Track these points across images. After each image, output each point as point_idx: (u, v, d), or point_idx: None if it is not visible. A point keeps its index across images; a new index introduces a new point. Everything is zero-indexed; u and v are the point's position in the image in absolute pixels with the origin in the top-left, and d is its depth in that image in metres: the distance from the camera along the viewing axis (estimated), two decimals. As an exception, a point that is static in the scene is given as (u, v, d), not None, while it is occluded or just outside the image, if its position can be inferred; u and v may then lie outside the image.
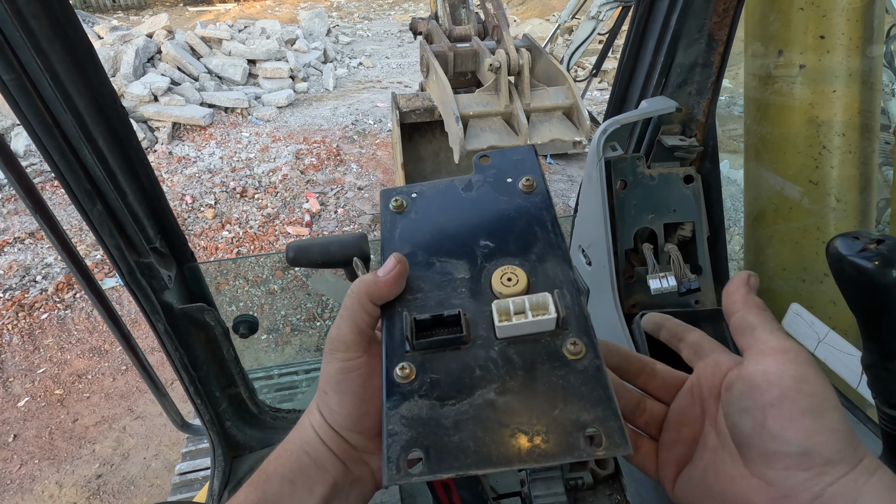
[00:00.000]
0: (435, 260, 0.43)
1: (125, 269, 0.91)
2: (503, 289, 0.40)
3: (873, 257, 0.41)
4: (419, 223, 0.46)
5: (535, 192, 0.47)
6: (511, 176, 0.48)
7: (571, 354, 0.37)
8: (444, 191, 0.48)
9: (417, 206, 0.47)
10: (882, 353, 0.45)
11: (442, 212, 0.46)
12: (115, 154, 0.84)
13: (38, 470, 2.81)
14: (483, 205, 0.46)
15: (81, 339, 3.58)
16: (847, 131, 0.84)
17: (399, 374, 0.37)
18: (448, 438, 0.34)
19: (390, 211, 0.47)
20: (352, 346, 0.40)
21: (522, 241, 0.44)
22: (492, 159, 0.49)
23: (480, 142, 3.56)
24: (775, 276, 0.95)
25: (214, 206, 4.87)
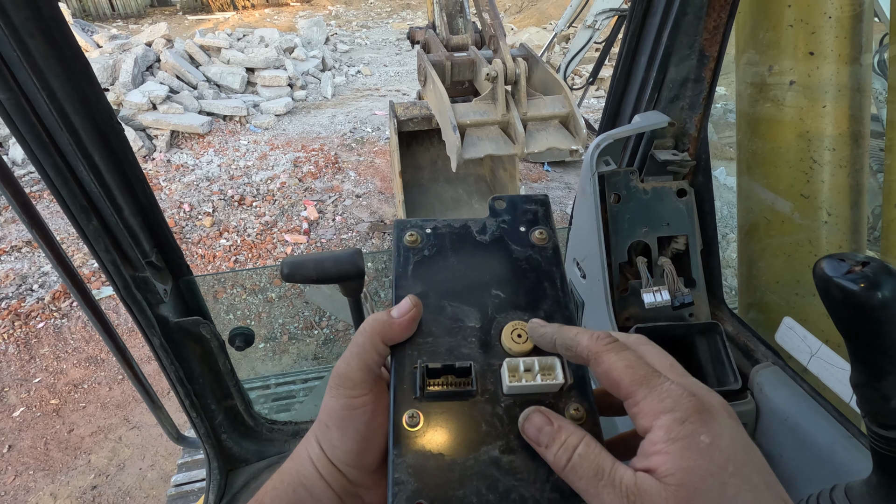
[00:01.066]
0: (447, 304, 0.44)
1: (121, 284, 0.91)
2: (513, 345, 0.41)
3: (859, 279, 0.41)
4: (433, 262, 0.46)
5: (546, 245, 0.47)
6: (524, 225, 0.48)
7: (573, 419, 0.38)
8: (458, 231, 0.48)
9: (431, 243, 0.47)
10: (870, 374, 0.45)
11: (455, 253, 0.46)
12: (110, 170, 0.84)
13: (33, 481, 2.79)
14: (496, 252, 0.47)
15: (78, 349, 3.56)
16: (837, 145, 0.85)
17: (408, 421, 0.38)
18: (453, 493, 0.36)
19: (404, 245, 0.47)
20: (359, 384, 0.40)
21: (532, 296, 0.44)
22: (507, 204, 0.49)
23: (477, 150, 3.58)
24: (768, 289, 0.96)
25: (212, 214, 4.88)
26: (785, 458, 0.79)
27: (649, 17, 0.92)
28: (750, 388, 0.84)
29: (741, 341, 0.91)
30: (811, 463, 0.73)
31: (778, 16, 0.86)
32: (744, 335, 0.91)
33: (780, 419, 0.79)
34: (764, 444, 0.82)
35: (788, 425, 0.77)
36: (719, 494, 0.31)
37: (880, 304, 0.41)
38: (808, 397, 0.77)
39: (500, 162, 4.78)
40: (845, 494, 0.53)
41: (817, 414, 0.74)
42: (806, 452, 0.74)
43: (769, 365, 0.84)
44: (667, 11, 0.88)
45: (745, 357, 0.89)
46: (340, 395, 0.40)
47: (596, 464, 0.34)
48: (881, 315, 0.41)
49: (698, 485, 0.31)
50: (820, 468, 0.72)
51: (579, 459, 0.34)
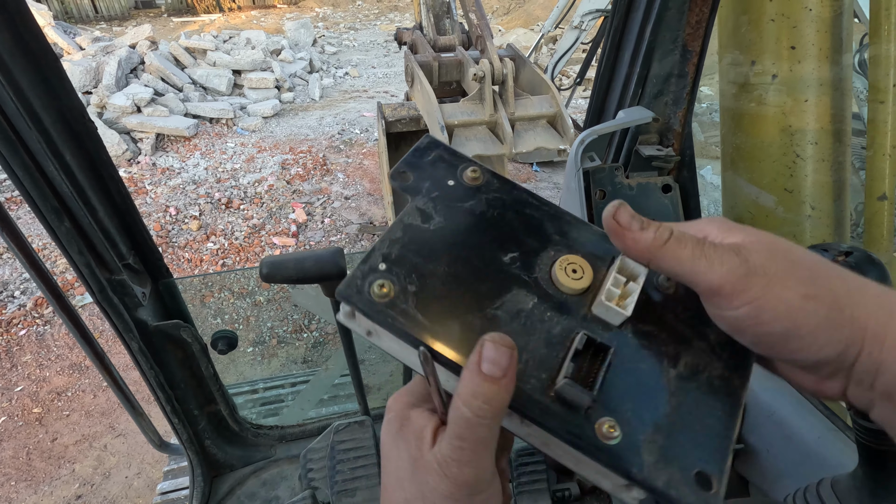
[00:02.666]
0: (491, 312, 0.36)
1: (96, 287, 0.89)
2: (575, 283, 0.37)
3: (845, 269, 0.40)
4: (427, 289, 0.36)
5: (483, 180, 0.42)
6: (448, 178, 0.41)
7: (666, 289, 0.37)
8: (407, 239, 0.38)
9: (400, 277, 0.36)
10: (854, 366, 0.44)
11: (436, 258, 0.37)
12: (83, 169, 0.82)
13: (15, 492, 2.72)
14: (457, 226, 0.39)
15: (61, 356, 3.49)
16: (820, 139, 0.85)
17: (606, 432, 0.33)
18: None
19: (379, 306, 0.35)
20: (491, 480, 0.33)
21: (537, 233, 0.39)
22: (412, 174, 0.42)
23: (466, 151, 3.57)
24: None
25: (199, 218, 4.82)
26: (772, 454, 0.79)
27: (632, 13, 0.92)
28: (737, 384, 0.84)
29: (728, 337, 0.91)
30: (798, 458, 0.73)
31: (759, 10, 0.86)
32: (730, 330, 0.91)
33: (766, 415, 0.78)
34: (751, 440, 0.82)
35: (775, 420, 0.77)
36: (790, 247, 0.33)
37: (863, 294, 0.40)
38: (794, 393, 0.77)
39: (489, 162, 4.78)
40: (832, 488, 0.53)
41: (804, 409, 0.74)
42: (793, 447, 0.74)
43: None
44: (649, 6, 0.87)
45: (732, 352, 0.89)
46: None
47: (694, 236, 0.34)
48: (864, 305, 0.41)
49: (772, 239, 0.34)
50: (807, 463, 0.71)
51: (679, 234, 0.34)
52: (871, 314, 0.31)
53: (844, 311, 0.31)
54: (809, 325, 0.31)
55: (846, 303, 0.31)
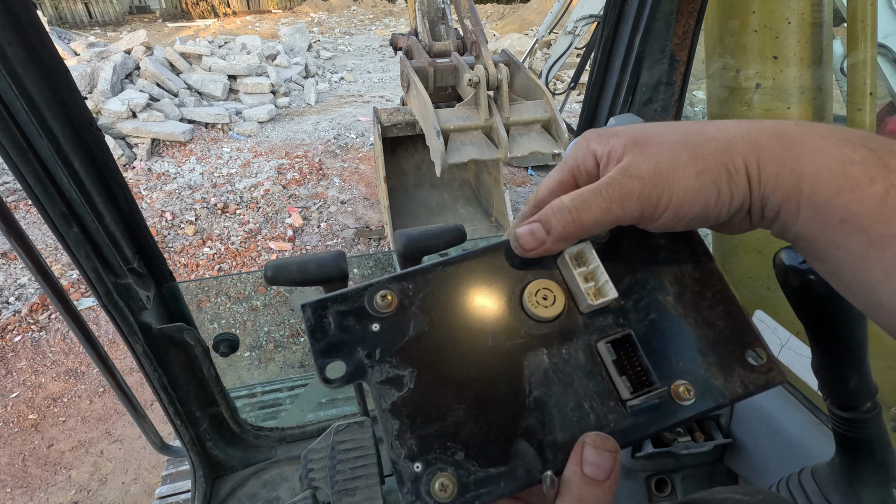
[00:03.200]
0: (528, 400, 0.34)
1: (102, 291, 0.91)
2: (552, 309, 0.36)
3: (815, 268, 0.43)
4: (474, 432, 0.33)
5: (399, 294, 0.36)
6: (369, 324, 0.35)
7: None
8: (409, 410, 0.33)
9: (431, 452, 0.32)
10: (828, 359, 0.47)
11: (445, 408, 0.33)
12: (91, 176, 0.84)
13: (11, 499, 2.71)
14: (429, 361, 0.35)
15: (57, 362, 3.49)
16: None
17: (680, 393, 0.34)
18: None
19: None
20: None
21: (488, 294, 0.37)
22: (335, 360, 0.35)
23: (461, 155, 3.61)
24: (741, 283, 0.99)
25: (195, 223, 4.82)
26: (759, 447, 0.82)
27: (622, 24, 0.95)
28: (725, 380, 0.87)
29: (716, 335, 0.94)
30: (782, 449, 0.76)
31: (743, 22, 0.90)
32: (719, 329, 0.94)
33: (753, 409, 0.81)
34: (739, 435, 0.85)
35: (761, 415, 0.80)
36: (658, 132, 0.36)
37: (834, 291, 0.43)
38: (780, 389, 0.80)
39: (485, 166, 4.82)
40: (812, 476, 0.56)
41: (788, 403, 0.77)
42: (777, 440, 0.77)
43: (743, 357, 0.87)
44: (638, 17, 0.91)
45: (721, 350, 0.92)
46: None
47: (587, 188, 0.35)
48: (836, 301, 0.44)
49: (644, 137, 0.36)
50: (791, 454, 0.74)
51: (573, 200, 0.35)
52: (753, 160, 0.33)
53: (736, 169, 0.33)
54: (714, 196, 0.33)
55: (731, 159, 0.33)
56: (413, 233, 0.81)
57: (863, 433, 0.49)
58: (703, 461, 0.90)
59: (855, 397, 0.48)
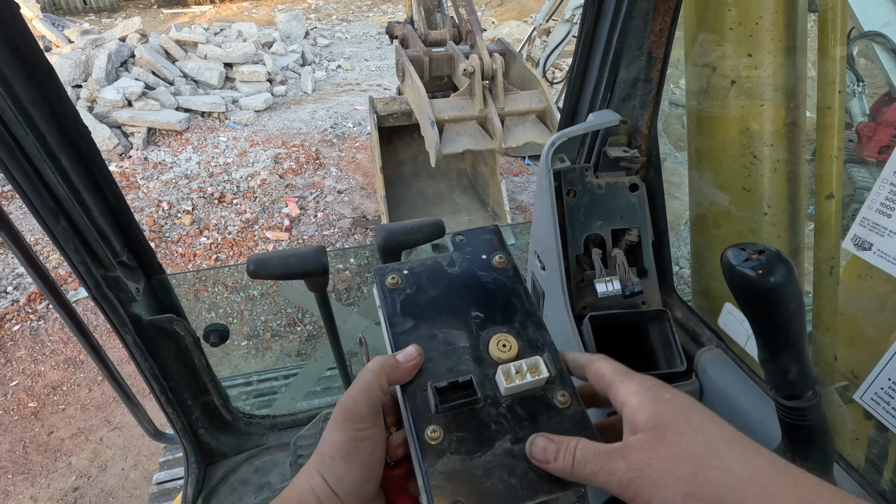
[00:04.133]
0: (437, 332, 0.50)
1: (91, 284, 0.93)
2: (500, 354, 0.48)
3: (756, 267, 0.46)
4: (416, 299, 0.52)
5: (506, 266, 0.55)
6: (484, 253, 0.56)
7: (561, 404, 0.46)
8: (431, 268, 0.55)
9: (410, 282, 0.53)
10: (769, 351, 0.50)
11: (433, 288, 0.53)
12: (78, 172, 0.86)
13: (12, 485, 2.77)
14: (467, 280, 0.54)
15: (55, 350, 3.53)
16: (774, 141, 0.91)
17: (430, 435, 0.44)
18: (482, 485, 0.41)
19: (388, 288, 0.53)
20: (364, 419, 0.44)
21: (505, 311, 0.52)
22: (465, 238, 0.58)
23: (456, 145, 3.61)
24: (712, 277, 1.01)
25: (192, 212, 4.83)
26: (726, 434, 0.85)
27: (601, 21, 0.96)
28: (695, 370, 0.90)
29: (689, 326, 0.97)
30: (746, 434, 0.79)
31: (718, 20, 0.91)
32: (691, 321, 0.96)
33: (720, 397, 0.84)
34: (708, 422, 0.88)
35: (727, 403, 0.83)
36: (686, 425, 0.40)
37: (773, 287, 0.46)
38: (745, 376, 0.83)
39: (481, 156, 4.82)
40: (761, 461, 0.59)
41: (751, 392, 0.80)
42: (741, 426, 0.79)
43: (712, 348, 0.90)
44: (616, 15, 0.92)
45: (693, 341, 0.95)
46: (348, 430, 0.44)
47: (594, 448, 0.41)
48: (774, 297, 0.46)
49: (669, 420, 0.40)
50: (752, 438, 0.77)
51: (580, 453, 0.41)
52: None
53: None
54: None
55: (727, 498, 0.36)
56: (393, 227, 0.84)
57: (805, 420, 0.52)
58: (675, 447, 0.93)
59: (796, 386, 0.51)
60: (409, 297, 0.52)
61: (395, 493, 0.48)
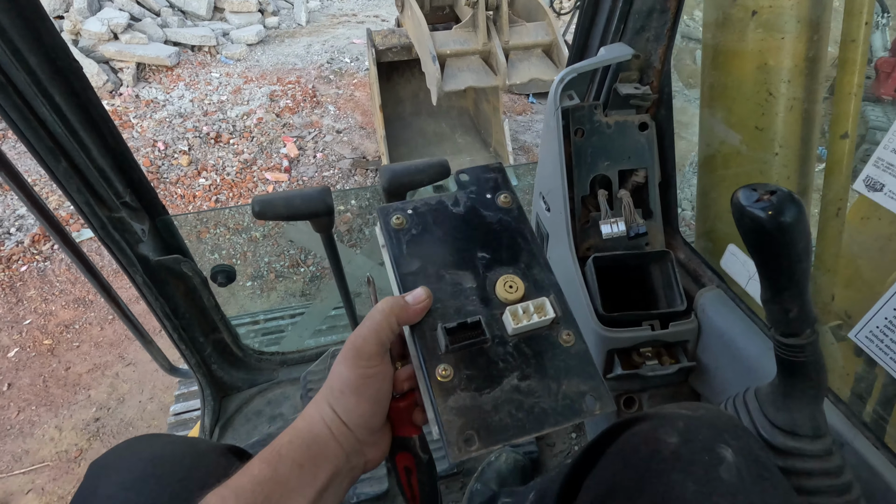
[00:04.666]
0: (444, 273, 0.51)
1: (97, 224, 0.93)
2: (507, 295, 0.49)
3: (767, 207, 0.46)
4: (422, 239, 0.53)
5: (511, 206, 0.55)
6: (489, 192, 0.56)
7: (566, 343, 0.48)
8: (435, 207, 0.55)
9: (415, 222, 0.53)
10: (773, 290, 0.51)
11: (439, 228, 0.53)
12: (73, 109, 0.83)
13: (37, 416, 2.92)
14: (472, 220, 0.54)
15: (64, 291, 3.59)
16: (792, 78, 0.87)
17: (441, 374, 0.45)
18: (491, 419, 0.44)
19: (392, 228, 0.53)
20: (374, 356, 0.46)
21: (511, 252, 0.52)
22: (470, 176, 0.57)
23: (458, 82, 3.48)
24: (718, 218, 1.01)
25: (188, 153, 4.75)
26: (720, 369, 0.88)
27: (617, -57, 0.90)
28: (694, 309, 0.92)
29: (691, 267, 0.98)
30: (741, 371, 0.82)
31: (744, -58, 0.85)
32: (694, 262, 0.98)
33: (717, 336, 0.87)
34: (703, 358, 0.91)
35: (724, 341, 0.86)
36: None
37: (782, 228, 0.46)
38: (743, 316, 0.85)
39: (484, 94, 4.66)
40: (755, 395, 0.62)
41: (749, 330, 0.82)
42: (737, 363, 0.83)
43: (713, 288, 0.92)
44: (634, -64, 0.86)
45: (694, 281, 0.97)
46: (358, 366, 0.46)
47: None
48: (783, 238, 0.46)
49: None
50: (747, 375, 0.81)
51: None
52: None
53: None
54: None
55: None
56: (398, 168, 0.82)
57: (801, 357, 0.54)
58: (670, 382, 0.97)
59: (796, 325, 0.52)
60: (415, 237, 0.53)
61: (400, 422, 0.51)
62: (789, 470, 0.55)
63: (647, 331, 0.89)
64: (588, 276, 0.93)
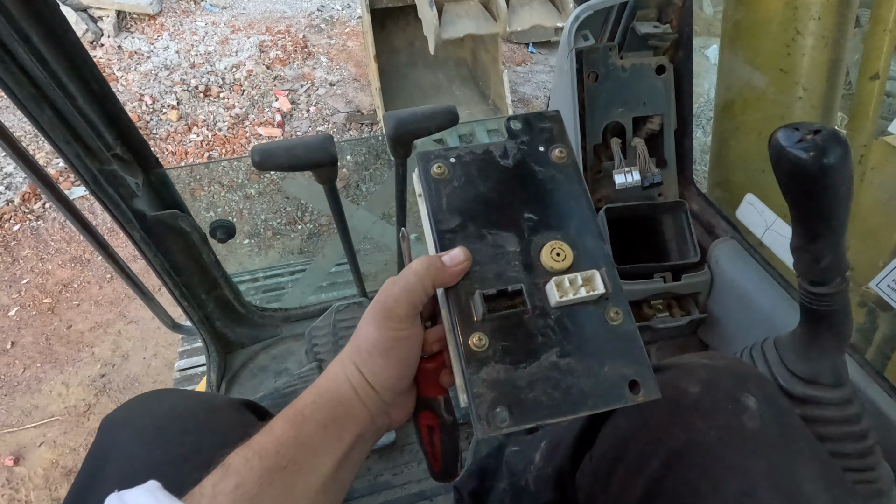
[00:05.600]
0: (486, 232, 0.47)
1: (89, 178, 0.89)
2: (553, 264, 0.45)
3: (809, 148, 0.43)
4: (464, 192, 0.48)
5: (566, 162, 0.50)
6: (542, 144, 0.51)
7: (613, 321, 0.44)
8: (481, 157, 0.50)
9: (457, 173, 0.49)
10: (807, 237, 0.49)
11: (483, 181, 0.49)
12: (53, 53, 0.77)
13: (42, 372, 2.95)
14: (521, 175, 0.49)
15: (60, 250, 3.56)
16: (823, 14, 0.82)
17: (475, 343, 0.42)
18: (524, 396, 0.41)
19: (433, 178, 0.48)
20: (404, 319, 0.44)
21: (561, 215, 0.48)
22: (522, 124, 0.51)
23: (457, 29, 3.33)
24: (735, 166, 0.98)
25: (177, 107, 4.59)
26: (732, 320, 0.88)
27: None
28: (707, 261, 0.90)
29: (705, 218, 0.95)
30: (753, 322, 0.82)
31: None
32: (708, 212, 0.95)
33: (730, 286, 0.86)
34: (714, 311, 0.90)
35: (738, 292, 0.85)
36: None
37: (826, 169, 0.43)
38: (758, 267, 0.84)
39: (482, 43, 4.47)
40: (773, 345, 0.61)
41: (763, 281, 0.81)
42: (749, 314, 0.82)
43: (727, 239, 0.90)
44: None
45: (707, 233, 0.94)
46: (387, 328, 0.44)
47: None
48: (826, 181, 0.44)
49: None
50: (759, 328, 0.80)
51: None
52: None
53: None
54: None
55: None
56: (403, 115, 0.78)
57: (829, 306, 0.53)
58: (679, 333, 0.97)
59: (827, 273, 0.51)
60: (456, 189, 0.48)
61: (426, 384, 0.49)
62: (809, 418, 0.55)
63: (660, 283, 0.87)
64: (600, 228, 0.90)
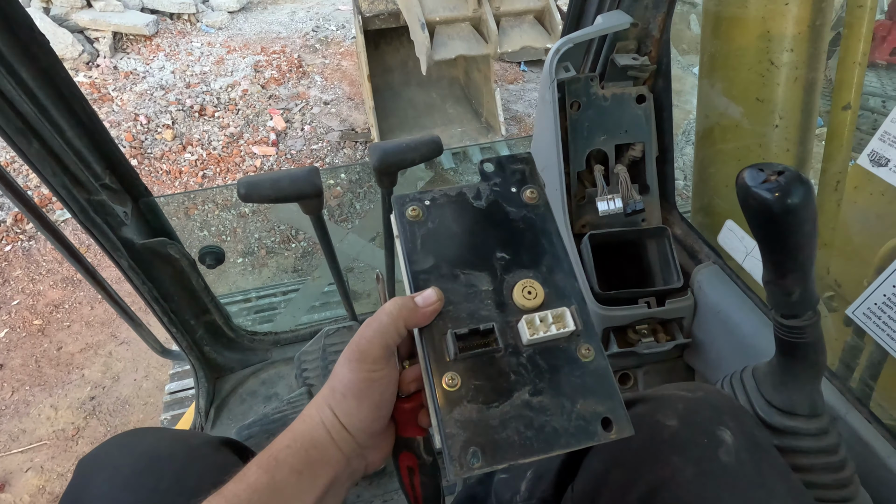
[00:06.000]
0: (459, 272, 0.48)
1: (76, 209, 0.90)
2: (525, 302, 0.46)
3: (774, 189, 0.44)
4: (438, 234, 0.49)
5: (538, 203, 0.51)
6: (514, 185, 0.52)
7: (585, 358, 0.44)
8: (455, 199, 0.51)
9: (432, 214, 0.50)
10: (777, 272, 0.50)
11: (457, 222, 0.50)
12: (42, 87, 0.79)
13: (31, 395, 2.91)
14: (494, 216, 0.50)
15: (51, 270, 3.54)
16: (795, 46, 0.84)
17: (448, 382, 0.43)
18: (497, 435, 0.41)
19: (408, 220, 0.49)
20: (378, 360, 0.44)
21: (533, 254, 0.49)
22: (495, 166, 0.53)
23: (448, 51, 3.38)
24: (716, 193, 1.00)
25: (172, 127, 4.62)
26: (715, 346, 0.88)
27: None
28: (691, 286, 0.91)
29: (688, 243, 0.97)
30: (736, 348, 0.83)
31: None
32: (690, 237, 0.96)
33: (713, 312, 0.87)
34: (699, 335, 0.91)
35: (721, 317, 0.86)
36: None
37: (790, 210, 0.44)
38: (739, 292, 0.85)
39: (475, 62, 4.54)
40: (752, 374, 0.62)
41: (745, 306, 0.82)
42: (732, 340, 0.83)
43: (710, 264, 0.91)
44: None
45: (690, 258, 0.96)
46: (361, 370, 0.44)
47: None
48: (789, 220, 0.45)
49: None
50: (742, 353, 0.81)
51: None
52: None
53: None
54: None
55: None
56: (388, 146, 0.79)
57: (802, 338, 0.54)
58: (665, 358, 0.98)
59: (797, 307, 0.51)
60: (431, 231, 0.49)
61: (405, 423, 0.49)
62: (785, 448, 0.56)
63: (644, 308, 0.88)
64: (584, 254, 0.91)
